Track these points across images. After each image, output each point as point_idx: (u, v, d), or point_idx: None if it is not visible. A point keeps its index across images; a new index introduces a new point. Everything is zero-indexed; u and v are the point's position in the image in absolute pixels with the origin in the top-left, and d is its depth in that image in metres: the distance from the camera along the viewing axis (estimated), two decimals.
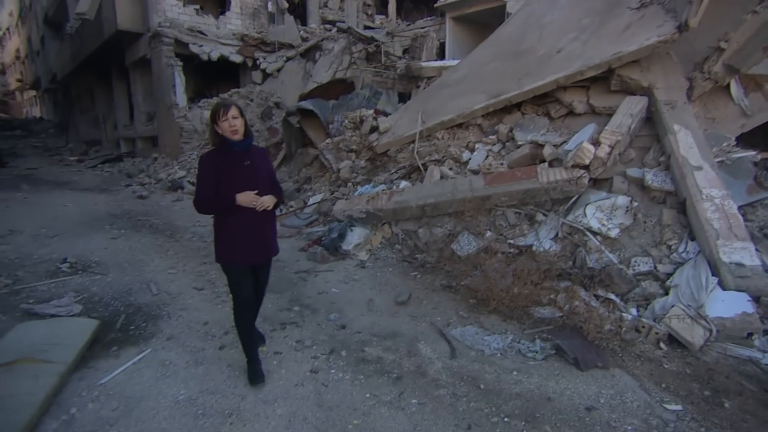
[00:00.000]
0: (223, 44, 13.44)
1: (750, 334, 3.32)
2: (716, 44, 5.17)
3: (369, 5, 19.47)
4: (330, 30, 13.88)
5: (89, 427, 2.34)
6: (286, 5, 14.67)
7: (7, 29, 36.78)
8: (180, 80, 12.60)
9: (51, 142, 23.40)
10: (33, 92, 36.36)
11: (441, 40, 14.99)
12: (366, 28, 16.32)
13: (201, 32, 13.02)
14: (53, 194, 9.60)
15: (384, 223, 5.36)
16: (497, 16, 12.10)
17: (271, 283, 4.50)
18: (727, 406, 2.50)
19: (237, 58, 13.66)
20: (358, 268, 4.79)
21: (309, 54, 13.20)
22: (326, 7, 17.30)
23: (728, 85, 5.34)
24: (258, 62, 13.80)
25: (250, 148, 2.64)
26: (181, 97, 12.71)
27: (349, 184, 6.69)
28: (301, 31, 14.06)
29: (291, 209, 7.16)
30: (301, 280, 4.57)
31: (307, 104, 8.62)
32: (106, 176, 13.16)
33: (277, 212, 7.57)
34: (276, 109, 12.15)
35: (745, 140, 5.94)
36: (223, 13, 14.03)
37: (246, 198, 2.52)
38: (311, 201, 7.00)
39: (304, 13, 16.44)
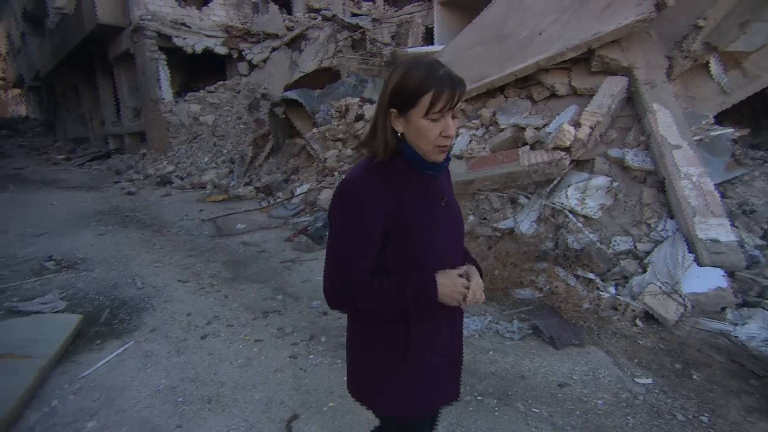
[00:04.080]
0: (208, 36, 13.29)
1: (723, 308, 3.39)
2: (694, 22, 5.17)
3: None
4: (315, 18, 13.73)
5: (70, 417, 2.38)
6: None
7: None
8: (165, 74, 12.47)
9: (38, 141, 23.16)
10: (17, 90, 35.87)
11: (429, 26, 14.86)
12: (353, 15, 16.15)
13: (184, 24, 12.86)
14: (40, 193, 9.56)
15: None
16: (485, 0, 12.01)
17: (256, 273, 4.58)
18: (696, 377, 2.57)
19: (222, 50, 13.52)
20: None
21: (295, 43, 13.08)
22: None
23: (708, 63, 5.35)
24: (243, 53, 13.67)
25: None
26: (166, 92, 12.59)
27: (336, 173, 6.69)
28: (286, 21, 13.91)
29: (278, 200, 7.16)
30: (286, 270, 4.60)
31: (292, 94, 8.57)
32: (94, 174, 13.08)
33: (264, 204, 7.67)
34: (263, 101, 12.07)
35: (726, 118, 5.99)
36: (206, 4, 13.84)
37: (451, 289, 1.15)
38: (298, 191, 7.01)
39: (288, 1, 16.23)
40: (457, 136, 5.94)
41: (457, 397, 1.36)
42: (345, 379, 2.62)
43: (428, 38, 14.67)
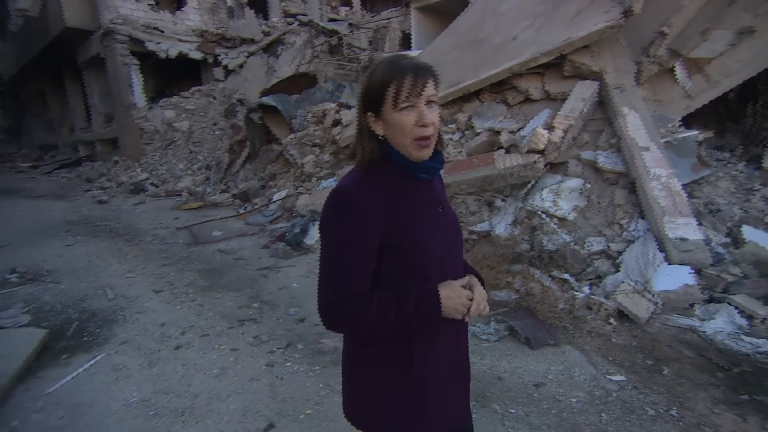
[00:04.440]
0: (182, 41, 13.08)
1: (692, 305, 3.49)
2: (659, 29, 5.35)
3: None
4: (292, 23, 13.68)
5: None
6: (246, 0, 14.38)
7: None
8: (137, 79, 12.20)
9: (2, 149, 22.30)
10: None
11: (406, 31, 14.98)
12: (331, 20, 16.15)
13: (157, 29, 12.63)
14: (4, 203, 9.18)
15: None
16: (461, 5, 12.15)
17: (232, 281, 4.50)
18: (666, 372, 2.63)
19: (197, 55, 13.32)
20: None
21: (271, 48, 12.99)
22: None
23: (673, 69, 5.54)
24: (219, 58, 13.50)
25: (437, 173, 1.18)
26: (139, 97, 12.32)
27: (314, 178, 6.65)
28: (263, 26, 13.82)
29: (255, 207, 7.07)
30: (263, 277, 4.53)
31: (268, 100, 8.49)
32: (63, 182, 12.66)
33: (241, 210, 7.56)
34: (240, 106, 11.93)
35: (692, 121, 6.21)
36: (180, 8, 13.64)
37: (455, 301, 1.08)
38: (276, 197, 6.93)
39: (265, 6, 16.13)
40: None
41: (465, 420, 1.23)
42: (322, 385, 2.63)
43: (405, 43, 14.79)
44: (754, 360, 2.76)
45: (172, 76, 14.57)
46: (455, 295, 1.06)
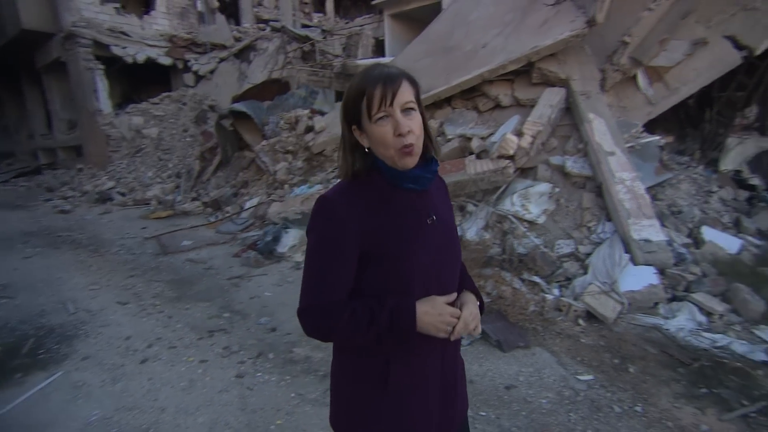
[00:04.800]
0: (150, 45, 12.76)
1: (656, 304, 3.60)
2: (622, 38, 5.55)
3: (306, 3, 19.24)
4: (264, 29, 13.57)
5: None
6: (217, 4, 14.17)
7: None
8: (103, 85, 11.82)
9: None
10: None
11: (380, 38, 15.09)
12: (304, 26, 16.11)
13: (124, 33, 12.28)
14: None
15: None
16: (434, 13, 12.34)
17: (202, 291, 4.39)
18: (632, 370, 2.71)
19: (166, 60, 13.03)
20: (293, 270, 4.72)
21: (243, 54, 12.84)
22: (261, 5, 16.89)
23: (635, 76, 5.75)
24: (189, 64, 13.25)
25: (432, 181, 1.13)
26: (105, 103, 11.93)
27: (286, 185, 6.57)
28: (234, 31, 13.66)
29: (227, 215, 6.93)
30: (234, 287, 4.43)
31: (240, 106, 8.38)
32: (21, 191, 12.10)
33: (212, 219, 7.40)
34: (211, 113, 11.71)
35: (656, 126, 6.46)
36: (147, 12, 13.31)
37: (435, 318, 1.04)
38: (248, 205, 6.82)
39: (236, 12, 15.96)
40: None
41: None
42: (293, 395, 2.58)
43: (379, 50, 14.89)
44: (712, 354, 2.87)
45: (140, 81, 14.18)
46: (435, 312, 1.02)
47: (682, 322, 3.36)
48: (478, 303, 1.17)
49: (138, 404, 2.58)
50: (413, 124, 1.00)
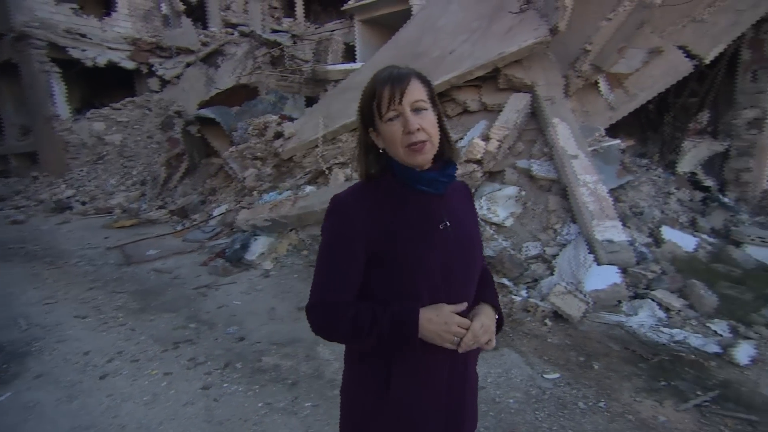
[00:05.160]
0: (112, 48, 12.31)
1: (619, 302, 3.72)
2: (583, 46, 5.75)
3: (276, 8, 19.08)
4: (232, 34, 13.36)
5: None
6: (183, 7, 13.83)
7: None
8: (59, 88, 11.30)
9: None
10: None
11: (350, 43, 15.12)
12: (273, 31, 15.96)
13: (82, 35, 11.79)
14: None
15: (290, 230, 5.25)
16: (404, 19, 12.48)
17: (168, 301, 4.25)
18: (596, 367, 2.78)
19: (129, 64, 12.60)
20: (262, 277, 4.64)
21: (211, 59, 12.60)
22: (229, 9, 16.64)
23: (597, 82, 5.97)
24: (154, 68, 12.87)
25: (449, 185, 1.10)
26: (62, 108, 11.39)
27: (255, 192, 6.47)
28: (201, 35, 13.38)
29: (194, 223, 6.75)
30: (201, 296, 4.31)
31: (207, 112, 8.20)
32: None
33: (179, 227, 7.19)
34: (177, 118, 11.42)
35: (619, 130, 6.72)
36: (108, 14, 12.83)
37: (440, 327, 1.00)
38: (216, 212, 6.67)
39: (203, 15, 15.65)
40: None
41: None
42: (261, 404, 2.53)
43: (350, 55, 14.92)
44: (670, 349, 2.99)
45: (101, 86, 13.66)
46: (440, 320, 0.98)
47: (643, 318, 3.48)
48: (496, 317, 1.12)
49: (96, 422, 2.46)
50: (424, 122, 0.99)
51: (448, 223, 1.05)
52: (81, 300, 4.33)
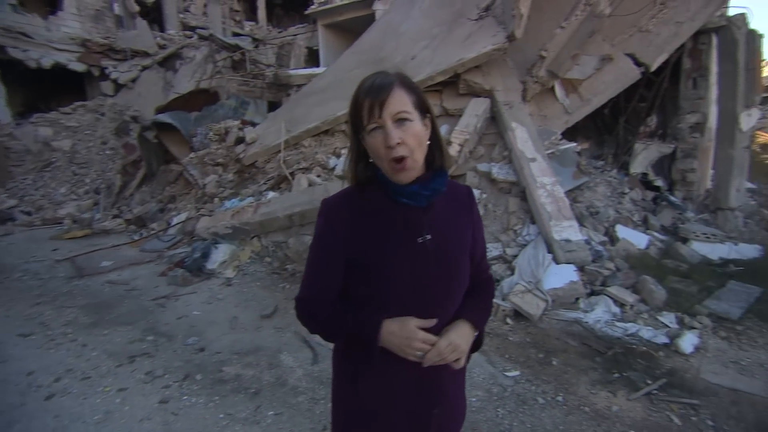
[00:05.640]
0: (59, 50, 11.64)
1: (577, 299, 3.86)
2: (539, 53, 5.96)
3: (237, 11, 18.74)
4: (191, 37, 13.01)
5: None
6: (137, 8, 13.31)
7: None
8: None
9: None
10: None
11: (314, 47, 15.03)
12: (235, 34, 15.65)
13: (24, 34, 11.05)
14: None
15: (252, 237, 5.14)
16: (367, 23, 12.54)
17: (123, 314, 4.07)
18: (555, 363, 2.87)
19: (79, 67, 11.98)
20: (223, 286, 4.51)
21: (169, 63, 12.20)
22: (187, 11, 16.19)
23: (553, 88, 6.19)
24: (107, 71, 12.31)
25: (434, 199, 1.07)
26: (2, 112, 10.70)
27: (216, 199, 6.30)
28: (158, 38, 12.94)
29: (152, 232, 6.50)
30: (159, 307, 4.15)
31: (164, 117, 7.94)
32: None
33: (136, 237, 6.89)
34: (133, 124, 10.98)
35: (577, 133, 7.00)
36: (53, 12, 12.12)
37: (402, 340, 1.02)
38: (175, 221, 6.44)
39: (160, 17, 15.15)
40: (339, 156, 5.99)
41: None
42: (222, 416, 2.46)
43: (312, 60, 14.83)
44: (624, 342, 3.14)
45: (48, 89, 12.92)
46: (402, 334, 0.99)
47: (599, 314, 3.63)
48: (476, 335, 1.10)
49: None
50: (406, 135, 0.96)
51: (428, 237, 1.04)
52: (26, 316, 4.06)
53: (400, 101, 0.96)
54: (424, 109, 1.02)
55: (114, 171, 9.58)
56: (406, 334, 0.99)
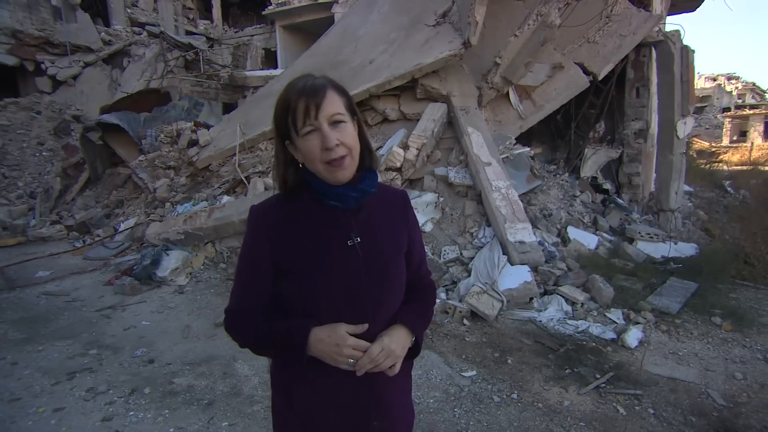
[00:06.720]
0: None
1: (531, 299, 3.98)
2: (494, 60, 6.14)
3: (191, 9, 18.08)
4: (140, 34, 12.41)
5: None
6: (78, 0, 12.49)
7: None
8: None
9: None
10: None
11: (272, 48, 14.76)
12: (188, 33, 15.09)
13: None
14: None
15: (206, 243, 4.95)
16: (326, 26, 12.46)
17: (62, 328, 3.80)
18: (510, 361, 2.94)
19: (10, 60, 11.05)
20: (175, 294, 4.31)
21: (115, 60, 11.59)
22: (136, 6, 15.44)
23: (508, 94, 6.38)
24: (44, 67, 11.49)
25: (365, 200, 1.06)
26: None
27: (168, 204, 6.03)
28: (103, 33, 12.24)
29: (97, 238, 6.12)
30: (104, 318, 3.90)
31: (110, 117, 7.52)
32: None
33: (78, 244, 6.46)
34: (75, 123, 10.33)
35: (532, 138, 7.24)
36: None
37: (331, 347, 0.97)
38: (123, 226, 6.10)
39: (105, 11, 14.33)
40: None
41: None
42: (172, 430, 2.33)
43: (270, 61, 14.57)
44: (575, 339, 3.26)
45: None
46: (331, 341, 0.95)
47: (552, 313, 3.75)
48: (412, 339, 1.05)
49: None
50: (343, 136, 0.95)
51: (358, 240, 1.01)
52: None
53: (335, 103, 0.95)
54: (353, 111, 1.01)
55: (53, 174, 8.96)
56: (335, 341, 0.95)
